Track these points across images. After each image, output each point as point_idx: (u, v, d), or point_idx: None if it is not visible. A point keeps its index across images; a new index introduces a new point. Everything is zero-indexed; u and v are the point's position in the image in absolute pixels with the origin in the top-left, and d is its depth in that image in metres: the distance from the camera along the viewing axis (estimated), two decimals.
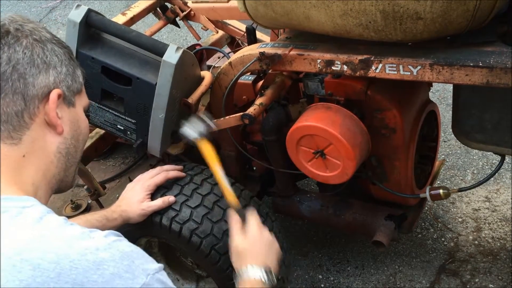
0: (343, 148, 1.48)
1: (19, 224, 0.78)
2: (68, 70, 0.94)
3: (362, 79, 1.50)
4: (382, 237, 1.73)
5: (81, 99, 0.99)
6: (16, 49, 0.86)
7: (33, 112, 0.88)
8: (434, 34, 1.24)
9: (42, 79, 0.89)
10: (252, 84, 1.93)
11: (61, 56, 0.93)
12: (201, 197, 1.58)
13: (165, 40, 4.18)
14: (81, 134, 0.99)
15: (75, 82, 0.96)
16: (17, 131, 0.87)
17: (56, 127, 0.91)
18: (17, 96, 0.86)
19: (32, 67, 0.88)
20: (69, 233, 0.79)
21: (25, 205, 0.81)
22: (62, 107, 0.93)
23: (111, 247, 0.79)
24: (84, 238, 0.78)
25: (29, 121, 0.88)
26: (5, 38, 0.87)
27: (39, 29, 0.92)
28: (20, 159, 0.87)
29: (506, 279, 1.99)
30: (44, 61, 0.90)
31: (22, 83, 0.86)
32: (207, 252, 1.52)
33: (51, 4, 5.26)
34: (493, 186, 2.40)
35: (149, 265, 0.82)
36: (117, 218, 1.46)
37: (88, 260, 0.75)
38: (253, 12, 1.47)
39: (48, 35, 0.93)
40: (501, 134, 1.49)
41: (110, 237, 0.82)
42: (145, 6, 2.22)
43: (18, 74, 0.86)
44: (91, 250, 0.76)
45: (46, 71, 0.89)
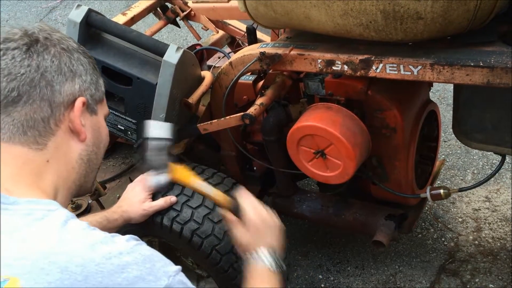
0: (344, 148, 1.48)
1: (45, 227, 0.80)
2: (92, 79, 0.97)
3: (363, 79, 1.50)
4: (382, 237, 1.73)
5: (102, 107, 1.02)
6: (45, 57, 0.89)
7: (59, 119, 0.90)
8: (434, 34, 1.24)
9: (68, 87, 0.91)
10: (252, 84, 1.93)
11: (86, 65, 0.96)
12: (202, 197, 1.58)
13: (166, 40, 4.18)
14: (102, 141, 1.02)
15: (98, 91, 0.99)
16: (42, 137, 0.89)
17: (79, 134, 0.93)
18: (44, 102, 0.88)
19: (59, 75, 0.90)
20: (93, 238, 0.81)
21: (50, 208, 0.83)
22: (85, 115, 0.95)
23: (134, 251, 0.82)
24: (107, 243, 0.81)
25: (55, 128, 0.90)
26: (35, 46, 0.89)
27: (66, 38, 0.95)
28: (44, 164, 0.89)
29: (506, 279, 1.99)
30: (70, 69, 0.92)
31: (49, 90, 0.88)
32: (208, 252, 1.52)
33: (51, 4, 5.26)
34: (493, 186, 2.40)
35: (169, 267, 0.84)
36: (118, 218, 1.46)
37: (113, 264, 0.78)
38: (254, 12, 1.47)
39: (75, 44, 0.95)
40: (502, 134, 1.49)
41: (131, 241, 0.84)
42: (146, 6, 2.22)
43: (46, 82, 0.88)
44: (115, 254, 0.79)
45: (72, 79, 0.92)
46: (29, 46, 0.88)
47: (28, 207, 0.81)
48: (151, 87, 1.57)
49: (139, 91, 1.60)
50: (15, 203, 0.81)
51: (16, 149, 0.87)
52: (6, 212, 0.80)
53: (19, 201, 0.82)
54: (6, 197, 0.81)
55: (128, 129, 1.70)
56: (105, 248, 0.79)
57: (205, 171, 1.69)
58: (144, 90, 1.58)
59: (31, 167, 0.88)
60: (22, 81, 0.86)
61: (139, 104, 1.63)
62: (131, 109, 1.65)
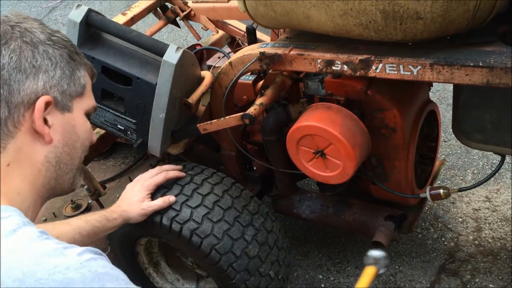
0: (343, 148, 1.48)
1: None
2: (64, 73, 0.88)
3: (362, 79, 1.49)
4: (382, 238, 1.73)
5: (81, 102, 0.93)
6: (2, 53, 0.81)
7: (18, 120, 0.82)
8: (434, 34, 1.24)
9: (29, 85, 0.83)
10: (252, 84, 1.93)
11: (56, 59, 0.87)
12: (201, 197, 1.58)
13: (165, 40, 4.18)
14: (78, 140, 0.93)
15: (73, 85, 0.90)
16: (1, 140, 0.82)
17: (43, 136, 0.85)
18: (0, 103, 0.81)
19: (18, 72, 0.82)
20: (41, 249, 0.73)
21: (3, 215, 0.76)
22: (54, 113, 0.87)
23: (83, 267, 0.73)
24: (56, 255, 0.73)
25: (14, 130, 0.82)
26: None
27: (33, 29, 0.86)
28: (4, 168, 0.82)
29: (506, 279, 1.99)
30: (33, 65, 0.84)
31: (6, 90, 0.81)
32: (207, 252, 1.53)
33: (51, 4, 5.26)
34: (494, 186, 2.40)
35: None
36: (117, 218, 1.46)
37: (56, 280, 0.70)
38: (253, 12, 1.47)
39: (43, 36, 0.86)
40: (501, 134, 1.49)
41: (85, 255, 0.75)
42: (146, 6, 2.22)
43: (3, 80, 0.80)
44: (60, 269, 0.71)
45: (34, 76, 0.84)
46: None
47: None
48: (151, 87, 1.57)
49: (139, 91, 1.60)
50: None
51: None
52: None
53: None
54: None
55: (128, 129, 1.70)
56: (52, 261, 0.71)
57: (205, 171, 1.69)
58: (144, 90, 1.58)
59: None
60: None
61: (139, 104, 1.63)
62: (131, 109, 1.65)
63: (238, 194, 1.66)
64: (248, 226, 1.60)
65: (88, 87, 0.95)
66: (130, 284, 0.78)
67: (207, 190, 1.61)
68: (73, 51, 0.92)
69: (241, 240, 1.57)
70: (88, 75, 0.96)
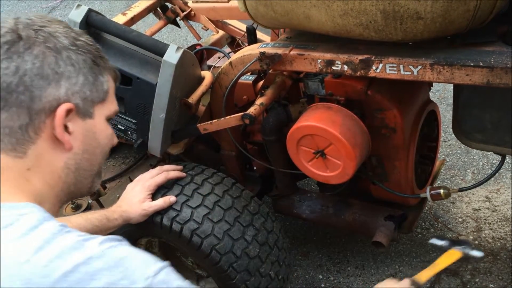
0: (344, 148, 1.48)
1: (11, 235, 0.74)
2: (86, 79, 0.87)
3: (363, 79, 1.49)
4: (382, 238, 1.73)
5: (103, 107, 0.91)
6: (25, 59, 0.80)
7: (39, 127, 0.82)
8: (434, 34, 1.24)
9: (51, 92, 0.82)
10: (252, 84, 1.93)
11: (79, 64, 0.86)
12: (201, 197, 1.58)
13: (166, 40, 4.18)
14: (98, 146, 0.92)
15: (96, 91, 0.89)
16: (21, 145, 0.82)
17: (63, 143, 0.85)
18: (21, 109, 0.80)
19: (41, 79, 0.81)
20: (63, 243, 0.74)
21: (23, 212, 0.77)
22: (75, 120, 0.86)
23: (105, 255, 0.75)
24: (78, 248, 0.74)
25: (34, 136, 0.82)
26: (16, 45, 0.80)
27: (57, 34, 0.84)
28: (24, 172, 0.83)
29: (506, 279, 1.99)
30: (55, 71, 0.82)
31: (28, 96, 0.80)
32: (207, 252, 1.53)
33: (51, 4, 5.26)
34: (494, 186, 2.40)
35: (148, 269, 0.77)
36: (117, 218, 1.46)
37: (81, 272, 0.72)
38: (254, 12, 1.47)
39: (66, 41, 0.85)
40: (502, 134, 1.49)
41: (105, 243, 0.77)
42: (146, 6, 2.22)
43: (24, 87, 0.80)
44: (84, 260, 0.73)
45: (57, 82, 0.82)
46: (11, 45, 0.80)
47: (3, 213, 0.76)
48: (151, 87, 1.57)
49: (139, 91, 1.60)
50: None
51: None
52: None
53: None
54: None
55: (128, 129, 1.70)
56: (75, 254, 0.73)
57: (205, 171, 1.69)
58: (144, 90, 1.58)
59: (10, 174, 0.82)
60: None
61: (139, 104, 1.63)
62: (131, 109, 1.65)
63: (238, 194, 1.66)
64: (248, 226, 1.60)
65: (111, 92, 0.94)
66: (154, 261, 0.79)
67: (207, 190, 1.61)
68: (97, 56, 0.91)
69: (241, 240, 1.57)
70: (111, 79, 0.94)
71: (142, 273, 0.76)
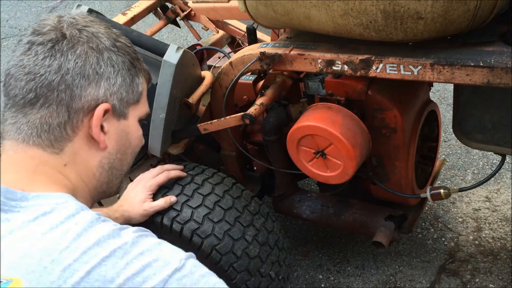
0: (344, 148, 1.48)
1: (50, 222, 0.76)
2: (124, 80, 0.88)
3: (363, 79, 1.50)
4: (382, 238, 1.73)
5: (136, 109, 0.93)
6: (69, 57, 0.82)
7: (76, 125, 0.84)
8: (434, 34, 1.24)
9: (91, 92, 0.84)
10: (252, 84, 1.93)
11: (118, 66, 0.87)
12: (202, 197, 1.58)
13: (166, 40, 4.18)
14: (129, 147, 0.94)
15: (132, 92, 0.90)
16: (58, 142, 0.84)
17: (99, 143, 0.87)
18: (61, 107, 0.82)
19: (82, 78, 0.83)
20: (100, 231, 0.77)
21: (59, 201, 0.79)
22: (110, 120, 0.88)
23: (138, 241, 0.78)
24: (114, 236, 0.77)
25: (72, 134, 0.84)
26: (60, 43, 0.82)
27: (99, 34, 0.86)
28: (61, 167, 0.85)
29: (506, 279, 1.99)
30: (96, 72, 0.84)
31: (68, 95, 0.82)
32: (208, 252, 1.52)
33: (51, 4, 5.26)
34: (494, 186, 2.40)
35: (180, 253, 0.80)
36: (118, 217, 1.46)
37: (117, 256, 0.75)
38: (254, 12, 1.47)
39: (108, 42, 0.87)
40: (502, 134, 1.49)
41: (138, 232, 0.81)
42: (146, 6, 2.22)
43: (66, 85, 0.82)
44: (120, 246, 0.76)
45: (97, 83, 0.84)
46: (55, 43, 0.82)
47: (36, 202, 0.78)
48: (151, 87, 1.56)
49: None
50: (23, 198, 0.78)
51: (31, 150, 0.83)
52: (13, 208, 0.77)
53: (27, 196, 0.78)
54: (13, 192, 0.78)
55: None
56: (111, 241, 0.76)
57: (205, 171, 1.69)
58: None
59: (47, 168, 0.84)
60: (40, 82, 0.81)
61: None
62: None
63: (238, 194, 1.66)
64: (248, 226, 1.60)
65: (144, 93, 0.96)
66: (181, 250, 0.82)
67: (208, 190, 1.61)
68: (134, 58, 0.92)
69: (241, 240, 1.57)
70: (145, 81, 0.96)
71: (174, 256, 0.79)
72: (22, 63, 0.82)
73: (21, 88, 0.81)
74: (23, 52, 0.82)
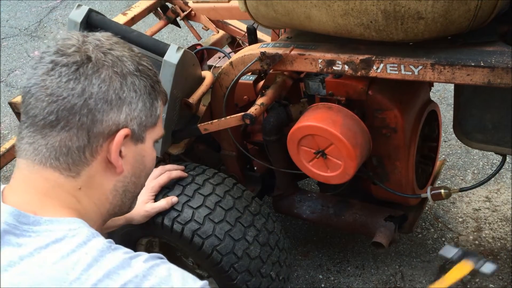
0: (344, 148, 1.48)
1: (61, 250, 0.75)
2: (144, 105, 0.87)
3: (363, 79, 1.50)
4: (382, 238, 1.73)
5: (153, 132, 0.92)
6: (93, 82, 0.80)
7: (96, 149, 0.83)
8: (435, 34, 1.24)
9: (112, 117, 0.83)
10: (253, 84, 1.93)
11: (141, 90, 0.86)
12: (203, 198, 1.58)
13: (166, 40, 4.18)
14: (144, 170, 0.94)
15: (150, 116, 0.89)
16: (76, 166, 0.83)
17: (116, 168, 0.86)
18: (82, 131, 0.81)
19: (105, 103, 0.81)
20: (109, 263, 0.76)
21: (71, 227, 0.79)
22: (128, 145, 0.87)
23: (150, 274, 0.77)
24: (124, 267, 0.76)
25: (90, 158, 0.83)
26: (85, 66, 0.81)
27: (124, 58, 0.85)
28: (75, 190, 0.84)
29: (506, 279, 1.99)
30: (119, 97, 0.83)
31: (89, 119, 0.81)
32: (208, 252, 1.52)
33: (51, 4, 5.26)
34: (494, 186, 2.40)
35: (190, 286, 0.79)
36: (120, 218, 1.45)
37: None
38: (254, 12, 1.47)
39: (132, 66, 0.85)
40: (502, 134, 1.49)
41: (150, 262, 0.79)
42: (146, 6, 2.22)
43: (88, 109, 0.80)
44: (130, 279, 0.75)
45: (119, 108, 0.83)
46: (79, 65, 0.80)
47: (48, 227, 0.77)
48: None
49: None
50: (35, 222, 0.77)
51: (47, 172, 0.82)
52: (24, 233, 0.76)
53: (39, 220, 0.78)
54: (26, 216, 0.77)
55: None
56: (121, 273, 0.75)
57: (206, 171, 1.69)
58: None
59: (61, 191, 0.83)
60: (63, 105, 0.79)
61: None
62: None
63: (239, 194, 1.66)
64: (249, 226, 1.60)
65: (161, 116, 0.95)
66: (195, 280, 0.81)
67: (208, 191, 1.61)
68: (155, 81, 0.91)
69: (242, 240, 1.57)
70: (162, 104, 0.95)
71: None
72: (44, 83, 0.80)
73: (42, 109, 0.80)
74: (45, 71, 0.80)
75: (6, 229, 0.76)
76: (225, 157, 1.94)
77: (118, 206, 0.93)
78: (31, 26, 4.89)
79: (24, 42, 4.63)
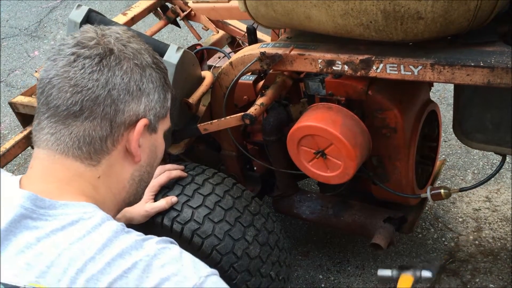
0: (344, 148, 1.48)
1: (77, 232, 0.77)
2: (159, 97, 0.91)
3: (363, 79, 1.50)
4: (380, 240, 1.73)
5: (164, 123, 0.96)
6: (116, 73, 0.83)
7: (117, 139, 0.86)
8: (435, 34, 1.24)
9: (133, 107, 0.86)
10: (253, 84, 1.93)
11: (157, 82, 0.90)
12: (202, 198, 1.58)
13: (166, 40, 4.18)
14: (156, 159, 0.97)
15: (163, 107, 0.93)
16: (97, 155, 0.85)
17: (134, 156, 0.89)
18: (105, 121, 0.83)
19: (127, 94, 0.85)
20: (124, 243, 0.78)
21: (86, 210, 0.81)
22: (144, 135, 0.90)
23: (160, 253, 0.79)
24: (137, 248, 0.78)
25: (111, 147, 0.86)
26: (108, 58, 0.83)
27: (142, 51, 0.88)
28: (94, 179, 0.86)
29: (506, 279, 1.99)
30: (139, 88, 0.86)
31: (113, 109, 0.83)
32: (208, 252, 1.52)
33: (51, 4, 5.26)
34: (494, 186, 2.40)
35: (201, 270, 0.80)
36: (120, 217, 1.46)
37: (139, 268, 0.76)
38: (254, 12, 1.47)
39: (149, 59, 0.89)
40: (502, 134, 1.49)
41: (161, 244, 0.81)
42: (146, 6, 2.22)
43: (111, 100, 0.83)
44: (141, 258, 0.77)
45: (139, 98, 0.86)
46: (102, 57, 0.83)
47: (64, 211, 0.79)
48: None
49: None
50: (51, 206, 0.79)
51: (68, 161, 0.84)
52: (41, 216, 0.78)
53: (55, 204, 0.79)
54: (42, 199, 0.79)
55: None
56: (134, 253, 0.77)
57: (205, 171, 1.69)
58: None
59: (81, 180, 0.85)
60: (87, 96, 0.81)
61: None
62: None
63: (239, 194, 1.66)
64: (249, 226, 1.60)
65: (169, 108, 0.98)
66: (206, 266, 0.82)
67: (208, 191, 1.61)
68: (166, 74, 0.95)
69: (242, 240, 1.57)
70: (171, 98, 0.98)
71: (195, 272, 0.79)
72: (67, 74, 0.81)
73: (65, 99, 0.81)
74: (67, 63, 0.82)
75: (24, 213, 0.77)
76: (225, 157, 1.94)
77: (133, 195, 0.95)
78: (31, 26, 4.89)
79: (24, 42, 4.63)
